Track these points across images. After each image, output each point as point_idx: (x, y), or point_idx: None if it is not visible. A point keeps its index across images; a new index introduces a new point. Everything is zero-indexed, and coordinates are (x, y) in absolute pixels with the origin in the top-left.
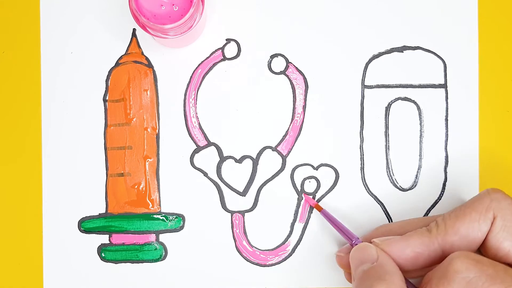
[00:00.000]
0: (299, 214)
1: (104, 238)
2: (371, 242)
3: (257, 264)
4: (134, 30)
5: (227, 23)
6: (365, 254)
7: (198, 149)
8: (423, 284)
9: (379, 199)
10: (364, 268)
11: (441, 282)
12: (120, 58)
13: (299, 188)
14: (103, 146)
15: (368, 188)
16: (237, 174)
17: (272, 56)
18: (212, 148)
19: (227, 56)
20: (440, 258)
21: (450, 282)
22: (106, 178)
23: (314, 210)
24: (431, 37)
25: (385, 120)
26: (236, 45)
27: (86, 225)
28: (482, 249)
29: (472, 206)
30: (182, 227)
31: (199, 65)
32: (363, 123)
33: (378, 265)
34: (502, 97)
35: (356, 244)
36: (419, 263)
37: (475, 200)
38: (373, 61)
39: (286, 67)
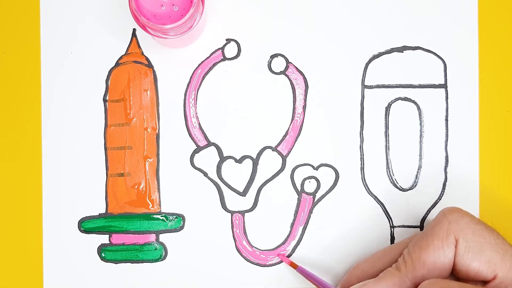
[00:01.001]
0: (299, 214)
1: (104, 238)
2: None
3: (257, 264)
4: (134, 30)
5: (227, 23)
6: None
7: (198, 149)
8: None
9: (379, 199)
10: None
11: None
12: (120, 58)
13: (299, 188)
14: (103, 146)
15: (368, 188)
16: (237, 174)
17: (272, 56)
18: (212, 148)
19: (227, 56)
20: None
21: None
22: (106, 178)
23: (315, 210)
24: (431, 37)
25: (385, 120)
26: (236, 45)
27: (86, 225)
28: (454, 271)
29: (432, 233)
30: (182, 227)
31: (199, 65)
32: (363, 123)
33: None
34: (502, 97)
35: None
36: None
37: (434, 225)
38: (373, 61)
39: (286, 67)
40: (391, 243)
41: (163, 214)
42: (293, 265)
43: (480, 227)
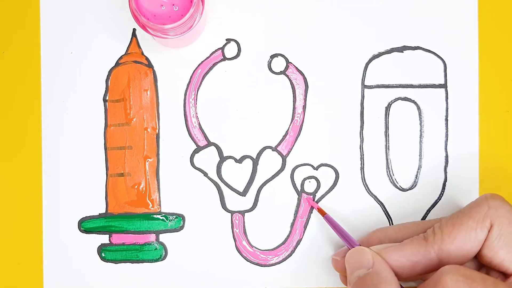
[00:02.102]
0: (299, 214)
1: (104, 238)
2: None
3: (257, 264)
4: (134, 30)
5: (227, 23)
6: (361, 259)
7: (198, 149)
8: None
9: (379, 199)
10: (360, 274)
11: None
12: (120, 58)
13: (299, 188)
14: (103, 146)
15: (368, 188)
16: (237, 174)
17: (272, 56)
18: (212, 148)
19: (227, 56)
20: (437, 266)
21: None
22: (106, 178)
23: (314, 211)
24: (431, 37)
25: (385, 120)
26: (236, 45)
27: (86, 225)
28: (478, 255)
29: (469, 213)
30: (182, 227)
31: (199, 65)
32: (363, 123)
33: (374, 273)
34: (502, 97)
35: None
36: (416, 271)
37: (473, 206)
38: (373, 61)
39: (286, 67)
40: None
41: (163, 214)
42: (322, 212)
43: None
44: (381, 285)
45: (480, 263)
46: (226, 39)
